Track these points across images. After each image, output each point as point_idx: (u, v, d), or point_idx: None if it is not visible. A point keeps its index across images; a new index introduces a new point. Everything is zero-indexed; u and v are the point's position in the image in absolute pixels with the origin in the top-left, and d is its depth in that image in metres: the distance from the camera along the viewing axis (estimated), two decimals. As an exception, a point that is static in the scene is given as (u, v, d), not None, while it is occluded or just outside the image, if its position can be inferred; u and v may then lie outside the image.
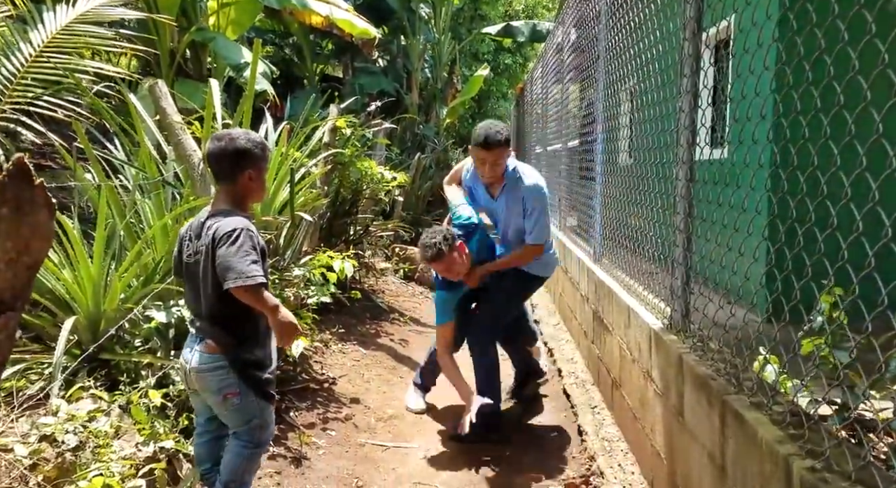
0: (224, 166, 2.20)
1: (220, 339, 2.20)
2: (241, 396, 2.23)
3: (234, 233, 2.08)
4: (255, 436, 2.31)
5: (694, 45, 2.31)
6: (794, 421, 1.59)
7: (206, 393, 2.27)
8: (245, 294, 2.06)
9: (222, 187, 2.25)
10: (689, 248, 2.34)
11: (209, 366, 2.21)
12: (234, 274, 2.03)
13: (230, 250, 2.05)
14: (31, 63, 4.12)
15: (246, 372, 2.23)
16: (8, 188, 1.35)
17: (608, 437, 3.28)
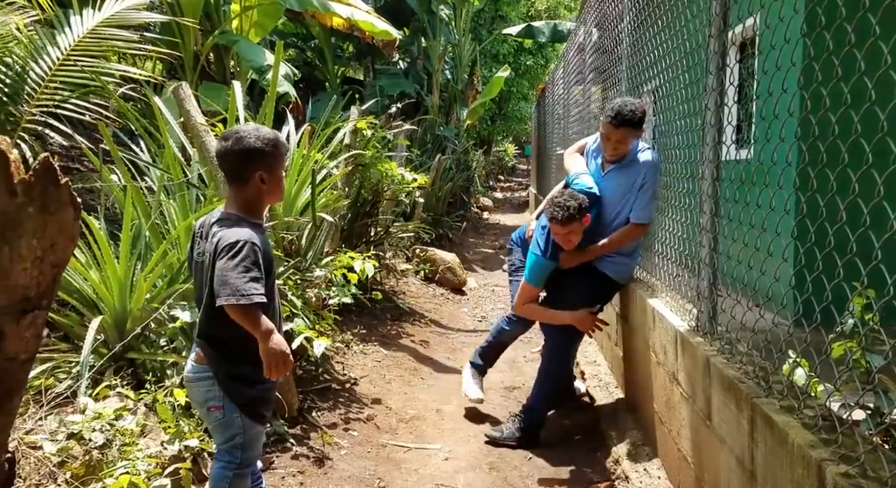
0: (232, 167, 2.03)
1: (207, 350, 2.08)
2: (223, 411, 2.07)
3: (236, 245, 1.91)
4: (237, 455, 2.12)
5: (720, 42, 2.27)
6: (827, 425, 1.54)
7: (194, 402, 2.18)
8: (237, 313, 1.89)
9: (232, 190, 2.07)
10: (715, 249, 2.30)
11: (196, 376, 2.10)
12: (228, 290, 1.87)
13: (229, 264, 1.89)
14: (59, 66, 4.20)
15: (231, 388, 2.07)
16: (34, 187, 1.36)
17: (633, 441, 3.23)
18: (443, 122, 12.84)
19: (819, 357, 1.68)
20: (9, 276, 1.38)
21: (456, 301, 7.20)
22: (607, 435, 3.42)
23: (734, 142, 2.35)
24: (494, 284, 8.18)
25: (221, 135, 2.09)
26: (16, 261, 1.37)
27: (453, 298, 7.26)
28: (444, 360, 5.01)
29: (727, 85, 2.33)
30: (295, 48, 11.52)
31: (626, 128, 3.11)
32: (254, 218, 2.08)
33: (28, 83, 4.11)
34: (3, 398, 1.46)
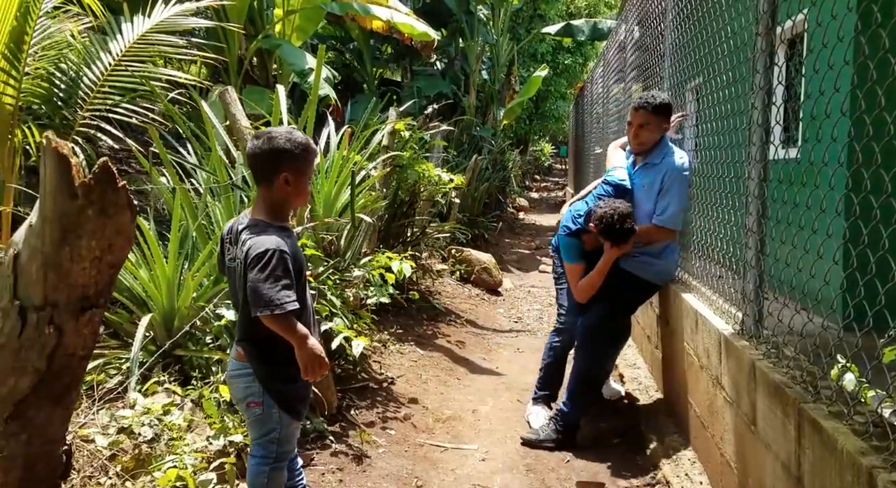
0: (259, 167, 2.07)
1: (247, 350, 2.13)
2: (262, 406, 2.13)
3: (265, 255, 1.95)
4: (273, 450, 2.17)
5: (767, 41, 2.23)
6: (877, 432, 1.50)
7: (234, 399, 2.24)
8: (272, 322, 1.97)
9: (259, 191, 2.11)
10: (762, 251, 2.26)
11: (236, 372, 2.16)
12: (262, 301, 1.93)
13: (260, 276, 1.94)
14: (110, 72, 4.34)
15: (269, 384, 2.13)
16: (94, 190, 1.42)
17: (673, 445, 3.19)
18: (479, 122, 12.83)
19: (871, 362, 1.63)
20: (69, 275, 1.44)
21: (492, 301, 7.20)
22: (647, 439, 3.38)
23: (781, 142, 2.30)
24: (531, 285, 8.14)
25: (254, 134, 2.13)
26: (76, 260, 1.43)
27: (489, 299, 7.26)
28: (479, 361, 5.02)
29: (775, 84, 2.28)
30: (334, 50, 11.66)
31: (645, 112, 3.21)
32: (279, 221, 2.10)
33: (81, 88, 4.25)
34: (62, 392, 1.53)
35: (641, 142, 3.31)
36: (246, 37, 6.54)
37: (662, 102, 3.24)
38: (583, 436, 3.52)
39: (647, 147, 3.33)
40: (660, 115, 3.23)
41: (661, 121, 3.25)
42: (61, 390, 1.51)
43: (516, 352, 5.35)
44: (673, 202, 3.21)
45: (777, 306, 2.15)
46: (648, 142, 3.30)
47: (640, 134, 3.27)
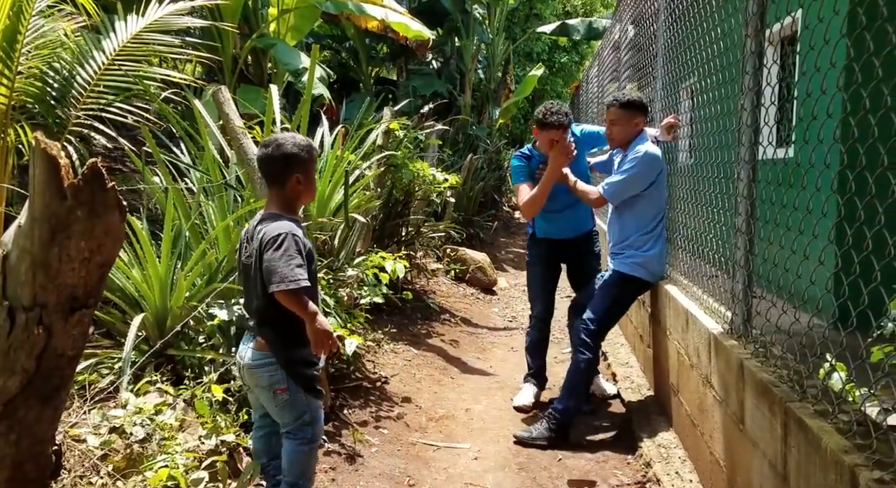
0: (273, 171, 2.25)
1: (269, 337, 2.26)
2: (289, 392, 2.28)
3: (279, 237, 2.14)
4: (309, 431, 2.35)
5: (757, 42, 2.24)
6: (861, 430, 1.52)
7: (257, 388, 2.34)
8: (286, 298, 2.12)
9: (272, 191, 2.30)
10: (750, 251, 2.27)
11: (259, 362, 2.28)
12: (277, 278, 2.10)
13: (275, 254, 2.12)
14: (104, 71, 4.33)
15: (293, 369, 2.28)
16: (83, 191, 1.42)
17: (664, 444, 3.20)
18: (475, 121, 12.84)
19: (856, 361, 1.65)
20: (58, 276, 1.44)
21: (486, 301, 7.21)
22: (638, 438, 3.39)
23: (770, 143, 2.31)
24: (525, 284, 8.14)
25: (262, 142, 2.30)
26: (65, 261, 1.43)
27: (483, 298, 7.27)
28: (473, 360, 5.03)
29: (764, 85, 2.30)
30: (330, 49, 11.65)
31: (615, 109, 3.41)
32: (292, 215, 2.29)
33: (75, 87, 4.25)
34: (51, 392, 1.53)
35: (612, 138, 3.50)
36: (240, 36, 6.53)
37: (631, 100, 3.42)
38: (575, 435, 3.54)
39: (619, 142, 3.50)
40: (630, 110, 3.40)
41: (631, 116, 3.41)
42: (50, 390, 1.51)
43: (510, 350, 5.36)
44: (622, 180, 3.38)
45: (766, 306, 2.17)
46: (619, 137, 3.47)
47: (612, 130, 3.47)
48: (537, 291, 4.06)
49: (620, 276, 3.49)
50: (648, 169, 3.34)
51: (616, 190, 3.40)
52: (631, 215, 3.47)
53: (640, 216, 3.44)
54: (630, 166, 3.35)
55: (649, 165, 3.34)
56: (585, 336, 3.46)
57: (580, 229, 3.98)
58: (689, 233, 3.31)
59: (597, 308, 3.49)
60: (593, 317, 3.48)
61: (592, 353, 3.48)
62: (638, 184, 3.36)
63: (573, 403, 3.46)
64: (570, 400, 3.46)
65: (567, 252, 4.01)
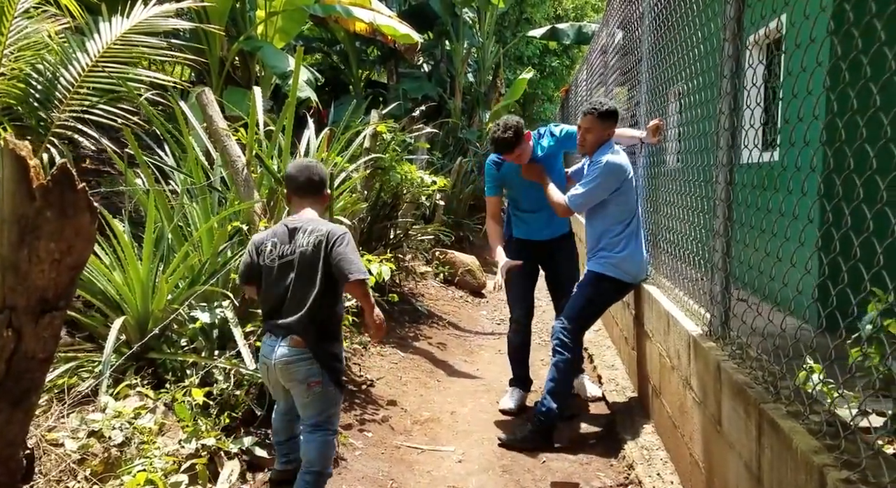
0: (315, 188, 2.60)
1: (312, 334, 2.42)
2: (322, 385, 2.45)
3: (345, 235, 2.42)
4: (335, 422, 2.57)
5: (734, 46, 2.26)
6: (831, 431, 1.53)
7: (292, 382, 2.47)
8: (362, 286, 2.39)
9: (309, 201, 2.59)
10: (728, 253, 2.29)
11: (297, 358, 2.43)
12: (356, 267, 2.35)
13: (347, 249, 2.38)
14: (88, 72, 4.32)
15: (329, 364, 2.47)
16: (52, 192, 1.42)
17: (647, 446, 3.21)
18: (465, 124, 12.86)
19: (829, 362, 1.66)
20: (27, 278, 1.44)
21: (475, 303, 7.22)
22: (622, 440, 3.40)
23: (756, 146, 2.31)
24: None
25: (299, 166, 2.62)
26: (34, 263, 1.43)
27: (472, 301, 7.27)
28: (460, 363, 5.03)
29: (741, 88, 2.31)
30: (320, 52, 11.65)
31: (591, 118, 3.47)
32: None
33: (59, 89, 4.23)
34: (22, 396, 1.52)
35: (583, 145, 3.56)
36: (228, 38, 6.52)
37: (609, 109, 3.48)
38: (559, 437, 3.54)
39: (590, 150, 3.56)
40: (606, 121, 3.47)
41: (606, 126, 3.49)
42: (21, 394, 1.50)
43: (497, 353, 5.36)
44: (586, 188, 3.44)
45: (743, 307, 2.18)
46: (591, 145, 3.53)
47: (585, 137, 3.52)
48: (516, 294, 4.04)
49: (594, 276, 3.54)
50: (611, 178, 3.42)
51: (580, 201, 3.48)
52: (600, 220, 3.54)
53: (609, 220, 3.51)
54: (592, 177, 3.43)
55: (611, 174, 3.42)
56: (562, 336, 3.49)
57: (555, 231, 4.00)
58: (672, 236, 3.32)
59: (572, 308, 3.53)
60: (569, 317, 3.52)
61: (571, 354, 3.48)
62: (600, 193, 3.44)
63: (555, 405, 3.47)
64: (552, 402, 3.46)
65: (542, 254, 4.01)
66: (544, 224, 3.93)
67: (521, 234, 4.03)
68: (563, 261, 4.03)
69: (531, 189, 3.78)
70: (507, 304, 4.18)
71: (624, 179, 3.47)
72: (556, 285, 4.09)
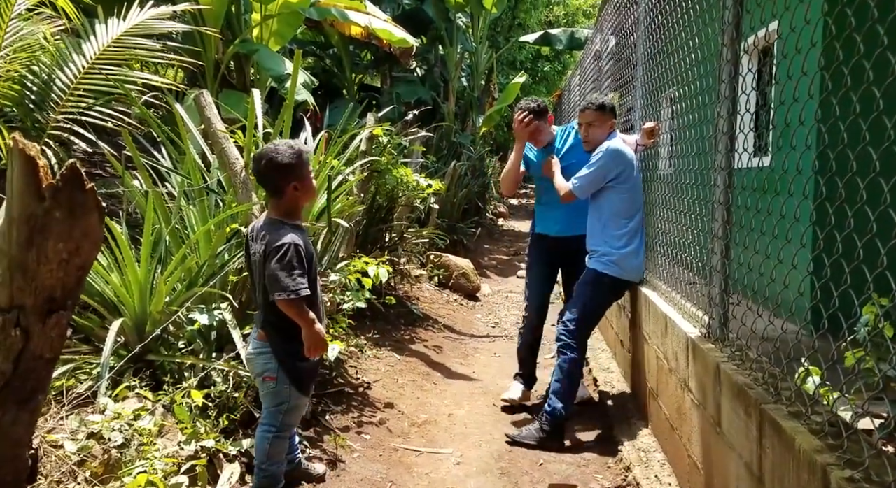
0: (269, 183, 2.41)
1: (269, 331, 2.46)
2: (276, 382, 2.47)
3: (282, 247, 2.31)
4: (279, 420, 2.53)
5: (732, 51, 2.29)
6: (833, 431, 1.55)
7: (252, 374, 2.56)
8: (287, 306, 2.34)
9: (272, 201, 2.46)
10: (727, 256, 2.31)
11: (256, 351, 2.50)
12: (279, 287, 2.29)
13: (277, 265, 2.30)
14: (84, 74, 4.30)
15: (286, 362, 2.46)
16: (62, 192, 1.42)
17: (644, 448, 3.23)
18: (458, 128, 12.88)
19: (829, 364, 1.68)
20: (35, 278, 1.44)
21: (469, 307, 7.23)
22: (619, 442, 3.42)
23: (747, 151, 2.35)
24: (508, 291, 8.18)
25: (254, 156, 2.41)
26: (42, 263, 1.43)
27: (467, 304, 7.28)
28: (456, 366, 5.03)
29: (740, 93, 2.34)
30: (314, 56, 11.64)
31: (591, 111, 3.52)
32: (293, 220, 2.46)
33: (54, 91, 4.21)
34: (29, 395, 1.52)
35: (587, 140, 3.58)
36: (223, 41, 6.51)
37: (605, 102, 3.55)
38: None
39: (596, 144, 3.57)
40: (605, 112, 3.54)
41: (606, 118, 3.55)
42: (27, 393, 1.50)
43: (493, 356, 5.38)
44: (588, 173, 3.49)
45: (741, 310, 2.20)
46: (595, 138, 3.55)
47: (588, 132, 3.55)
48: (532, 292, 4.11)
49: (595, 274, 3.55)
50: (612, 161, 3.44)
51: (582, 183, 3.50)
52: (606, 213, 3.53)
53: (613, 213, 3.50)
54: (595, 161, 3.47)
55: (612, 158, 3.45)
56: (566, 337, 3.51)
57: (568, 229, 3.96)
58: (669, 240, 3.35)
59: (574, 307, 3.55)
60: (572, 317, 3.53)
61: (575, 353, 3.50)
62: (602, 176, 3.47)
63: (562, 405, 3.49)
64: (558, 401, 3.48)
65: (559, 253, 4.03)
66: (558, 219, 3.98)
67: (539, 229, 4.14)
68: (576, 265, 3.93)
69: (548, 182, 3.87)
70: (525, 300, 4.25)
71: (626, 166, 3.48)
72: (567, 284, 4.10)
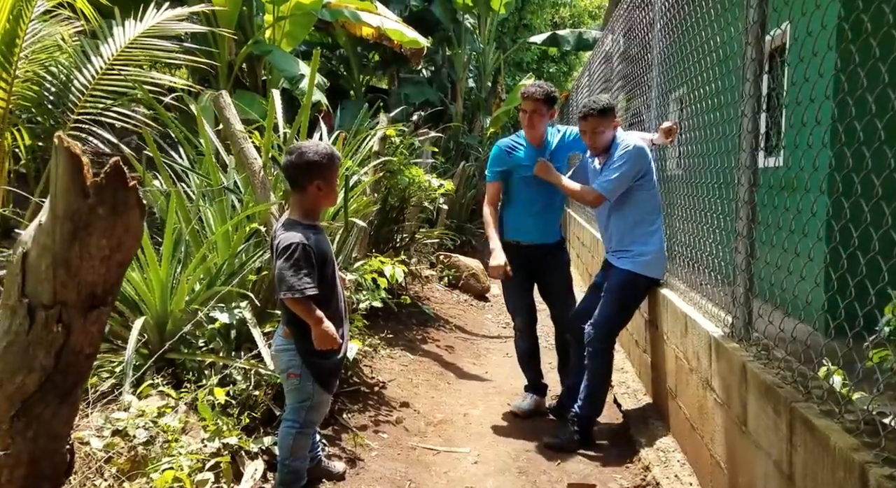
0: (295, 177, 2.42)
1: (293, 329, 2.48)
2: (300, 378, 2.49)
3: (289, 247, 2.32)
4: (303, 416, 2.55)
5: (757, 50, 2.29)
6: (868, 429, 1.55)
7: (277, 370, 2.59)
8: (292, 304, 2.36)
9: (294, 196, 2.48)
10: (752, 254, 2.31)
11: (281, 347, 2.53)
12: (285, 286, 2.31)
13: (285, 264, 2.31)
14: (102, 75, 4.33)
15: (309, 359, 2.48)
16: (105, 189, 1.43)
17: (663, 448, 3.23)
18: (466, 129, 12.91)
19: (855, 365, 1.69)
20: (78, 273, 1.45)
21: (479, 307, 7.23)
22: (637, 442, 3.42)
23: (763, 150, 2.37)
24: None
25: (287, 149, 2.45)
26: (85, 258, 1.44)
27: (477, 305, 7.29)
28: (469, 366, 5.04)
29: (761, 92, 2.35)
30: (321, 57, 11.67)
31: (595, 117, 3.38)
32: (310, 220, 2.46)
33: (72, 91, 4.24)
34: (69, 390, 1.53)
35: (596, 146, 3.47)
36: (236, 42, 6.54)
37: (606, 106, 3.42)
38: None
39: (603, 148, 3.48)
40: (607, 116, 3.42)
41: (609, 121, 3.43)
42: (68, 388, 1.51)
43: (505, 356, 5.38)
44: (619, 175, 3.35)
45: (767, 309, 2.21)
46: (602, 144, 3.45)
47: (595, 138, 3.43)
48: (516, 301, 3.96)
49: (630, 276, 3.43)
50: (639, 159, 3.37)
51: (613, 186, 3.36)
52: (632, 210, 3.44)
53: (641, 211, 3.43)
54: (623, 162, 3.34)
55: (640, 156, 3.37)
56: (596, 340, 3.43)
57: (548, 237, 3.90)
58: (687, 239, 3.35)
59: (606, 310, 3.44)
60: (603, 319, 3.43)
61: (605, 356, 3.46)
62: (630, 176, 3.37)
63: (593, 410, 3.48)
64: (588, 407, 3.47)
65: (534, 260, 3.88)
66: (539, 226, 3.84)
67: (511, 236, 3.87)
68: (556, 269, 3.94)
69: (534, 187, 3.69)
70: (509, 312, 4.12)
71: (650, 163, 3.45)
72: (548, 292, 4.01)
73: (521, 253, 3.86)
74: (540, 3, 18.01)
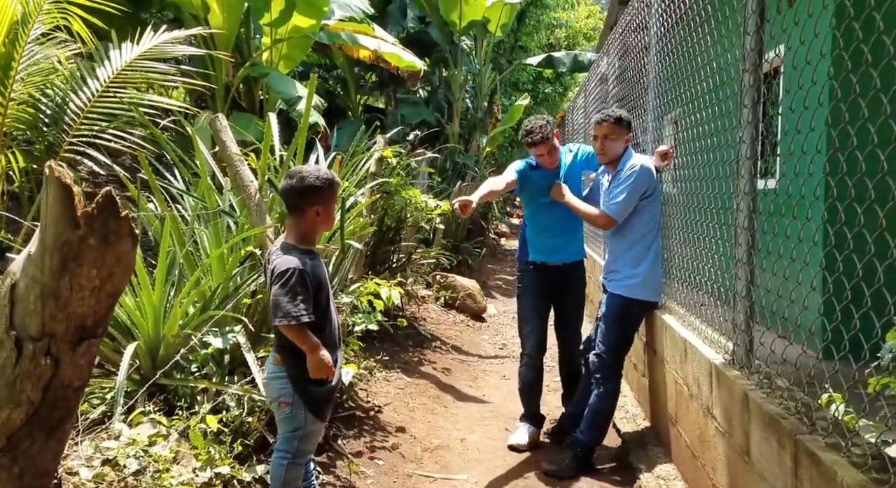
0: (293, 201, 2.39)
1: (284, 355, 2.42)
2: (291, 407, 2.42)
3: (286, 273, 2.28)
4: (295, 446, 2.47)
5: (755, 77, 2.29)
6: (876, 464, 1.52)
7: (268, 398, 2.52)
8: (288, 331, 2.31)
9: (291, 219, 2.43)
10: (752, 281, 2.29)
11: (272, 375, 2.47)
12: (280, 313, 2.27)
13: (281, 291, 2.27)
14: (98, 97, 4.32)
15: (301, 386, 2.41)
16: (96, 219, 1.40)
17: (664, 475, 3.18)
18: (462, 149, 12.95)
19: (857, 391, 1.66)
20: (68, 305, 1.41)
21: (476, 328, 7.19)
22: (637, 469, 3.36)
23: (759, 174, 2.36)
24: (514, 311, 8.11)
25: (287, 173, 2.42)
26: (75, 290, 1.41)
27: (473, 325, 7.24)
28: (466, 388, 4.99)
29: (759, 119, 2.35)
30: (318, 78, 11.74)
31: (610, 124, 3.39)
32: (305, 245, 2.42)
33: (67, 113, 4.23)
34: (56, 424, 1.49)
35: (604, 153, 3.45)
36: (233, 64, 6.56)
37: (622, 115, 3.44)
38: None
39: (612, 157, 3.46)
40: (621, 125, 3.42)
41: (623, 131, 3.43)
42: (55, 422, 1.47)
43: (502, 378, 5.33)
44: (626, 196, 3.34)
45: (768, 336, 2.18)
46: (612, 152, 3.43)
47: (606, 144, 3.42)
48: (531, 326, 3.89)
49: (622, 301, 3.43)
50: (646, 179, 3.36)
51: (621, 208, 3.35)
52: (633, 233, 3.42)
53: (643, 232, 3.41)
54: (629, 183, 3.32)
55: (646, 176, 3.36)
56: (602, 366, 3.40)
57: (569, 256, 3.89)
58: (685, 263, 3.33)
59: (607, 336, 3.42)
60: (605, 348, 3.41)
61: (611, 384, 3.42)
62: (636, 196, 3.36)
63: (596, 436, 3.44)
64: (592, 432, 3.42)
65: (554, 280, 3.87)
66: (561, 246, 3.84)
67: (535, 257, 3.89)
68: (573, 292, 3.93)
69: (553, 207, 3.70)
70: (519, 337, 4.04)
71: (655, 183, 3.44)
72: (561, 314, 3.98)
73: (550, 274, 3.87)
74: (535, 25, 18.18)
